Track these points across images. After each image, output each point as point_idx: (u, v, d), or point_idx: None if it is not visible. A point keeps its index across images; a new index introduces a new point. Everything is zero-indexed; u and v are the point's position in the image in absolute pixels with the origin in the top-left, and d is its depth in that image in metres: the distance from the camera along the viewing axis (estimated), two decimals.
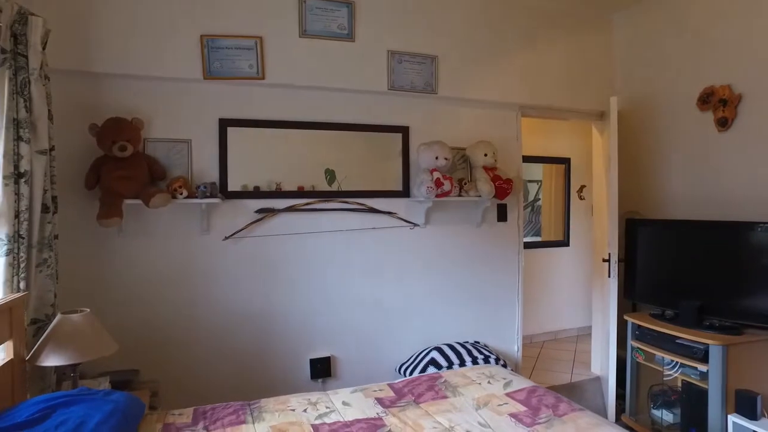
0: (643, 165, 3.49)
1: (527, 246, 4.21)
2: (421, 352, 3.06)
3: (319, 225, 2.89)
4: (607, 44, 3.70)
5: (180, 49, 2.56)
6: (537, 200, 4.94)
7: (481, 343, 3.29)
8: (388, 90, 2.99)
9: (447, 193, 2.98)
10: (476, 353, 3.02)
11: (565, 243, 4.94)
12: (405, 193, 3.09)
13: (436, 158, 2.95)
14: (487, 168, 3.12)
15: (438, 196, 2.94)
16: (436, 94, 3.12)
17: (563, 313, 4.84)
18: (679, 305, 2.75)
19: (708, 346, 2.43)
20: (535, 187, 4.92)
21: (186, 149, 2.62)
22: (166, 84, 2.58)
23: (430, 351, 3.02)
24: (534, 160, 4.65)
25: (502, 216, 3.41)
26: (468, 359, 2.94)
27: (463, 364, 2.88)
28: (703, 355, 2.46)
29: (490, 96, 3.29)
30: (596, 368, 3.77)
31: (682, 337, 2.59)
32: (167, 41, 2.54)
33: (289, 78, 2.77)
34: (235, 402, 2.08)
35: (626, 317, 3.01)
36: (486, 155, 3.10)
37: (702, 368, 2.47)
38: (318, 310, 2.91)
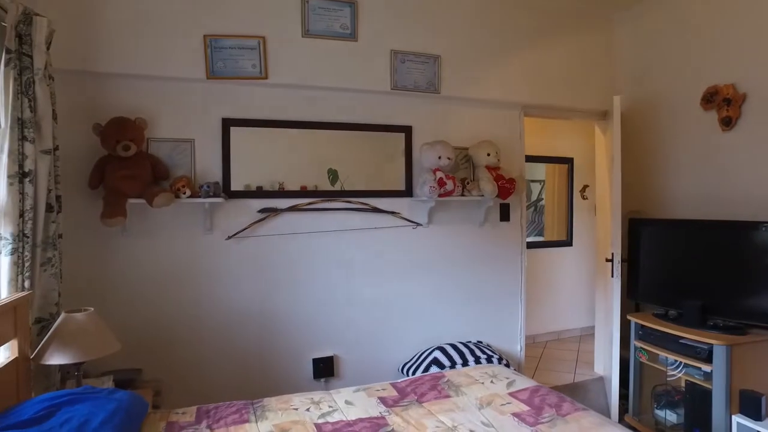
0: (646, 164, 3.48)
1: (530, 246, 4.20)
2: (424, 352, 3.06)
3: (321, 225, 2.89)
4: (610, 43, 3.69)
5: (183, 49, 2.57)
6: (540, 200, 4.93)
7: (483, 342, 3.28)
8: (391, 90, 2.99)
9: (450, 193, 2.98)
10: (479, 353, 3.02)
11: (568, 243, 4.93)
12: (408, 192, 3.09)
13: (439, 158, 2.94)
14: (489, 167, 3.11)
15: (441, 195, 2.94)
16: (439, 94, 3.12)
17: (566, 313, 4.83)
18: (682, 305, 2.75)
19: (712, 346, 2.43)
20: (538, 187, 4.91)
21: (189, 149, 2.62)
22: (169, 84, 2.59)
23: (433, 350, 3.02)
24: (537, 159, 4.64)
25: (505, 216, 3.41)
26: (471, 359, 2.94)
27: (465, 364, 2.88)
28: (707, 355, 2.46)
29: (492, 95, 3.29)
30: (599, 368, 3.76)
31: (686, 337, 2.58)
32: (170, 41, 2.54)
33: (292, 78, 2.77)
34: (238, 401, 2.08)
35: (629, 317, 3.01)
36: (489, 155, 3.10)
37: (706, 368, 2.46)
38: (321, 310, 2.91)
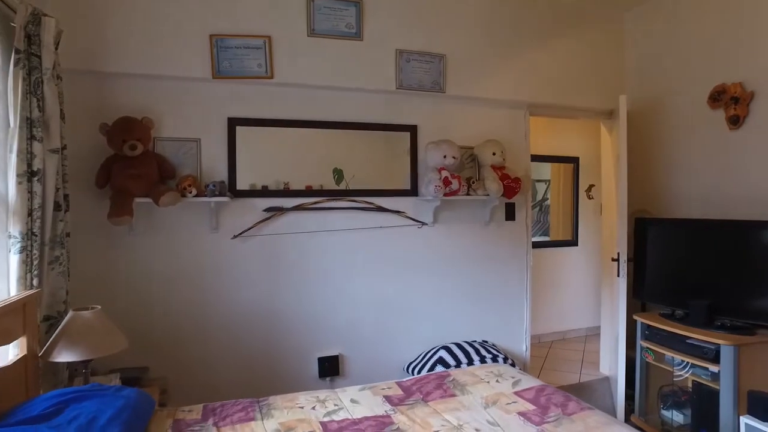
0: (652, 163, 3.46)
1: (535, 246, 4.19)
2: (429, 351, 3.06)
3: (326, 224, 2.90)
4: (616, 42, 3.67)
5: (189, 49, 2.58)
6: (545, 200, 4.92)
7: (489, 342, 3.28)
8: (396, 89, 2.99)
9: (455, 192, 2.98)
10: (484, 352, 3.01)
11: (573, 242, 4.92)
12: (413, 191, 3.09)
13: (444, 157, 2.94)
14: (495, 167, 3.11)
15: (446, 194, 2.94)
16: (444, 93, 3.11)
17: (571, 313, 4.81)
18: (689, 305, 2.73)
19: (719, 346, 2.41)
20: (544, 187, 4.90)
21: (195, 148, 2.64)
22: (175, 83, 2.60)
23: (438, 350, 3.02)
24: (542, 159, 4.63)
25: (511, 215, 3.40)
26: (476, 358, 2.94)
27: (471, 363, 2.88)
28: (714, 356, 2.44)
29: (498, 94, 3.28)
30: (605, 368, 3.75)
31: (693, 337, 2.56)
32: (177, 41, 2.56)
33: (298, 77, 2.78)
34: (244, 399, 2.09)
35: (636, 317, 2.99)
36: (494, 154, 3.09)
37: (713, 369, 2.44)
38: (326, 309, 2.92)
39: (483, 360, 2.93)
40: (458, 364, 2.88)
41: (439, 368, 2.85)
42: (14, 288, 1.78)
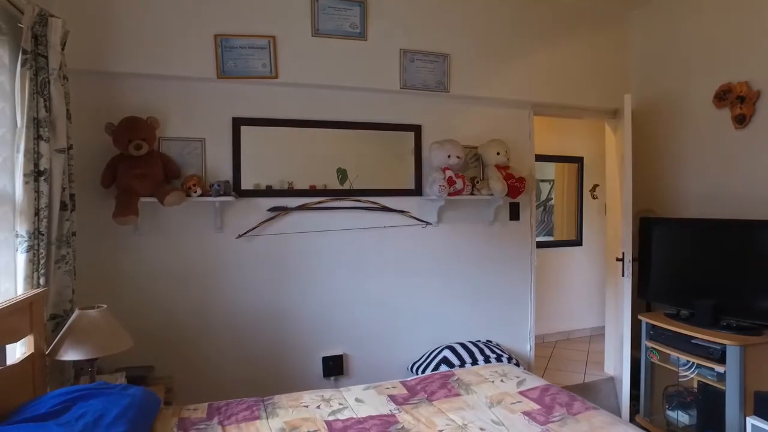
0: (657, 163, 3.45)
1: (540, 245, 4.18)
2: (434, 351, 3.05)
3: (331, 223, 2.90)
4: (621, 41, 3.66)
5: (194, 49, 2.59)
6: (549, 199, 4.90)
7: (493, 342, 3.27)
8: (401, 89, 2.99)
9: (459, 192, 2.97)
10: (488, 352, 3.01)
11: (577, 242, 4.90)
12: (417, 191, 3.09)
13: (449, 156, 2.94)
14: (499, 166, 3.10)
15: (450, 194, 2.94)
16: (449, 93, 3.11)
17: (576, 313, 4.80)
18: (694, 305, 2.72)
19: (725, 346, 2.40)
20: (548, 187, 4.89)
21: (200, 148, 2.65)
22: (180, 83, 2.61)
23: (443, 349, 3.02)
24: (546, 159, 4.62)
25: (515, 215, 3.39)
26: (480, 358, 2.94)
27: (475, 363, 2.87)
28: (720, 356, 2.43)
29: (502, 94, 3.27)
30: (610, 368, 3.74)
31: (699, 338, 2.55)
32: (181, 41, 2.57)
33: (302, 77, 2.78)
34: (249, 398, 2.09)
35: (640, 317, 2.98)
36: (498, 154, 3.09)
37: (719, 369, 2.43)
38: (330, 308, 2.92)
39: (487, 360, 2.93)
40: (463, 363, 2.88)
41: (444, 368, 2.85)
42: (21, 287, 1.79)
